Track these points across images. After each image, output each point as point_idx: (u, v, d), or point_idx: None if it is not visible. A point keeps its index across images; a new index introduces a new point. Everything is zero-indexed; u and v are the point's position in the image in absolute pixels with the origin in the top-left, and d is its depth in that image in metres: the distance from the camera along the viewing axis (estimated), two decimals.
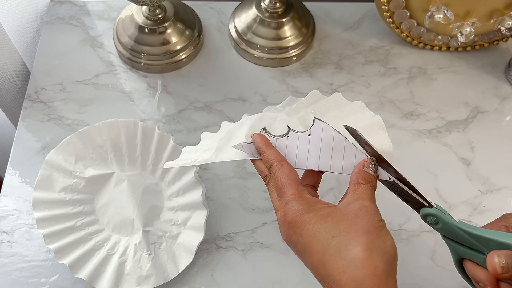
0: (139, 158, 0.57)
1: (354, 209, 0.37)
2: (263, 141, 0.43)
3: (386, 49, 0.70)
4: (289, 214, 0.38)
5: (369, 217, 0.37)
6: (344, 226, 0.36)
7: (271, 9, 0.67)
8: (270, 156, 0.42)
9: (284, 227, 0.39)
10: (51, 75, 0.66)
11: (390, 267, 0.36)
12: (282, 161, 0.41)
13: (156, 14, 0.66)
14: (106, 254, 0.53)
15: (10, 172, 0.59)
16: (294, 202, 0.38)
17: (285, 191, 0.39)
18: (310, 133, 0.43)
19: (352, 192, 0.39)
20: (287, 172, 0.40)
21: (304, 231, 0.37)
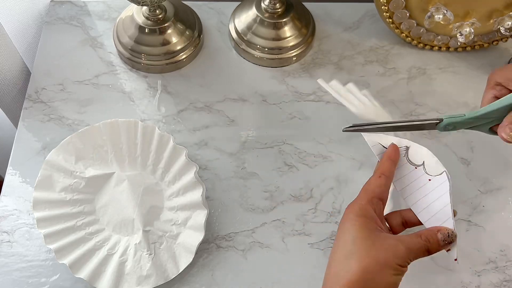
0: (139, 158, 0.57)
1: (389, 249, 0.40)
2: (391, 154, 0.47)
3: (385, 49, 0.70)
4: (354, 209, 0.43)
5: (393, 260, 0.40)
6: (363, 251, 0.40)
7: (271, 9, 0.67)
8: (381, 166, 0.46)
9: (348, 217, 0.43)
10: (52, 75, 0.66)
11: None
12: (384, 174, 0.45)
13: (156, 15, 0.66)
14: (107, 254, 0.53)
15: (11, 172, 0.59)
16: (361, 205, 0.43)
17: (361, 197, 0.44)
18: (431, 179, 0.46)
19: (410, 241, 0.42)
20: (378, 184, 0.44)
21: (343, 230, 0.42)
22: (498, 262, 0.56)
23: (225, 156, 0.62)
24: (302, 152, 0.62)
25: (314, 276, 0.55)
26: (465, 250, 0.57)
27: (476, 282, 0.55)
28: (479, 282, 0.55)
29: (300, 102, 0.65)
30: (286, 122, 0.64)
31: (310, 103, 0.65)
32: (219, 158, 0.61)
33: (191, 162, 0.56)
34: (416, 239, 0.42)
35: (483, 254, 0.57)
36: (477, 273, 0.56)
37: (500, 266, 0.56)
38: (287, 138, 0.63)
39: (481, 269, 0.56)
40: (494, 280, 0.55)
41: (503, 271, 0.56)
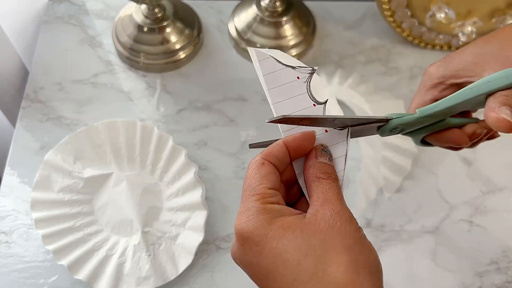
0: (138, 158, 0.57)
1: (325, 217, 0.29)
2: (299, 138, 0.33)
3: (387, 49, 0.70)
4: (245, 226, 0.29)
5: (346, 227, 0.29)
6: (318, 241, 0.28)
7: (271, 8, 0.66)
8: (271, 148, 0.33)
9: (238, 244, 0.30)
10: (50, 74, 0.66)
11: (380, 284, 0.29)
12: (267, 159, 0.32)
13: (155, 13, 0.65)
14: (105, 255, 0.53)
15: (9, 172, 0.59)
16: (253, 210, 0.29)
17: (247, 195, 0.31)
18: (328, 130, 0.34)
19: (315, 193, 0.31)
20: (262, 173, 0.31)
21: (265, 249, 0.28)
22: (500, 263, 0.56)
23: (225, 156, 0.61)
24: None
25: None
26: (467, 251, 0.56)
27: (478, 283, 0.55)
28: (481, 283, 0.55)
29: None
30: None
31: None
32: (218, 158, 0.61)
33: (190, 162, 0.56)
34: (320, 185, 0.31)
35: (485, 255, 0.56)
36: (479, 274, 0.55)
37: (502, 267, 0.56)
38: None
39: (483, 270, 0.56)
40: (496, 281, 0.55)
41: (505, 272, 0.55)
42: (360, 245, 0.29)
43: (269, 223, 0.29)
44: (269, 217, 0.29)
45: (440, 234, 0.57)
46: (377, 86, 0.66)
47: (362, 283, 0.28)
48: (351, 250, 0.28)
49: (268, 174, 0.31)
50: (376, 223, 0.58)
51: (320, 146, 0.33)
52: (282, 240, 0.28)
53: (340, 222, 0.29)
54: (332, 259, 0.28)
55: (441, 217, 0.58)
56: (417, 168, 0.61)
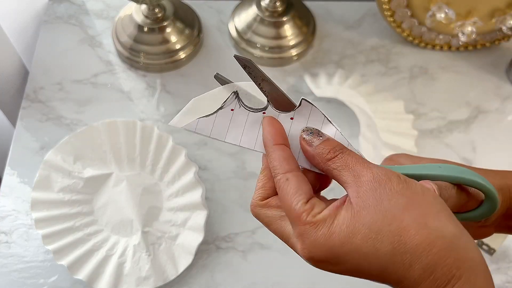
0: (138, 158, 0.57)
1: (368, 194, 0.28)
2: (273, 132, 0.32)
3: (387, 49, 0.70)
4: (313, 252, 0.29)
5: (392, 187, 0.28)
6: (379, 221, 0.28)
7: (271, 8, 0.66)
8: (274, 163, 0.31)
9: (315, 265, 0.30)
10: (50, 74, 0.66)
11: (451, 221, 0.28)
12: (288, 172, 0.30)
13: (156, 13, 0.65)
14: (105, 255, 0.53)
15: (9, 172, 0.59)
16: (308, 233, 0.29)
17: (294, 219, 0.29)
18: (293, 116, 0.33)
19: (339, 176, 0.30)
20: (294, 188, 0.30)
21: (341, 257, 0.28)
22: (500, 263, 0.56)
23: (225, 156, 0.61)
24: None
25: (314, 278, 0.54)
26: None
27: None
28: None
29: None
30: None
31: None
32: (218, 158, 0.61)
33: (190, 162, 0.56)
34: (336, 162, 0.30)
35: (484, 255, 0.56)
36: None
37: (502, 267, 0.56)
38: None
39: None
40: (497, 282, 0.55)
41: (506, 272, 0.55)
42: (411, 196, 0.28)
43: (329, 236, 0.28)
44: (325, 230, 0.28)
45: None
46: (377, 86, 0.66)
47: (435, 231, 0.27)
48: (409, 210, 0.28)
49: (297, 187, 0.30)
50: None
51: (303, 132, 0.32)
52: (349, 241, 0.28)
53: (382, 188, 0.28)
54: (399, 227, 0.27)
55: None
56: None
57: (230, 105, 0.34)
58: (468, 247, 0.27)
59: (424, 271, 0.27)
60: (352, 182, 0.29)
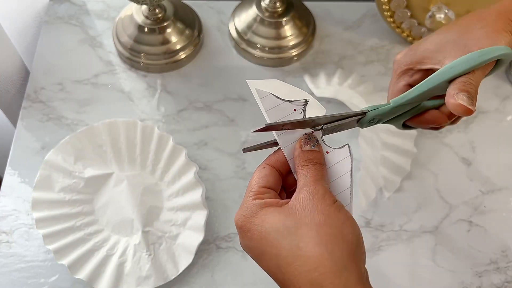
0: (139, 158, 0.57)
1: (300, 199, 0.33)
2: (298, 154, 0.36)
3: (386, 49, 0.70)
4: (239, 217, 0.34)
5: (318, 205, 0.32)
6: (292, 222, 0.32)
7: (271, 8, 0.67)
8: (272, 155, 0.37)
9: (238, 233, 0.35)
10: (51, 74, 0.66)
11: (350, 257, 0.31)
12: (269, 163, 0.36)
13: (156, 14, 0.65)
14: (106, 255, 0.53)
15: (10, 172, 0.59)
16: (246, 204, 0.34)
17: (246, 192, 0.35)
18: (329, 151, 0.37)
19: (298, 180, 0.34)
20: (261, 175, 0.35)
21: (254, 234, 0.33)
22: (500, 263, 0.56)
23: (225, 156, 0.61)
24: None
25: None
26: (466, 251, 0.57)
27: (477, 282, 0.55)
28: (480, 282, 0.55)
29: None
30: None
31: None
32: (219, 158, 0.61)
33: (190, 162, 0.56)
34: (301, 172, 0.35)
35: (484, 254, 0.56)
36: (478, 273, 0.55)
37: (501, 267, 0.56)
38: None
39: (483, 269, 0.56)
40: (496, 281, 0.55)
41: (505, 271, 0.56)
42: (331, 219, 0.32)
43: (255, 212, 0.33)
44: (256, 209, 0.33)
45: (439, 234, 0.58)
46: (377, 86, 0.66)
47: (330, 254, 0.30)
48: (320, 225, 0.31)
49: (266, 175, 0.35)
50: (375, 223, 0.58)
51: (304, 136, 0.36)
52: (264, 225, 0.33)
53: (312, 201, 0.32)
54: (303, 235, 0.31)
55: (441, 217, 0.58)
56: (417, 168, 0.61)
57: (296, 106, 0.37)
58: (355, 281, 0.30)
59: (309, 285, 0.30)
60: (298, 189, 0.34)
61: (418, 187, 0.60)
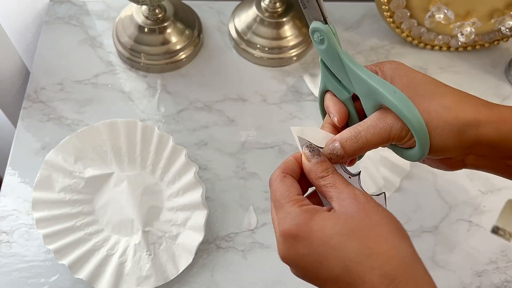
0: (139, 158, 0.57)
1: (348, 206, 0.33)
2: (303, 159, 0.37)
3: (386, 49, 0.70)
4: (291, 226, 0.34)
5: (368, 206, 0.33)
6: (354, 224, 0.33)
7: (271, 8, 0.67)
8: (284, 164, 0.37)
9: (286, 243, 0.34)
10: (51, 75, 0.66)
11: (412, 248, 0.33)
12: (286, 172, 0.36)
13: (156, 14, 0.66)
14: (106, 255, 0.53)
15: (10, 172, 0.59)
16: (294, 213, 0.34)
17: (283, 203, 0.35)
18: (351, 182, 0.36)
19: (328, 192, 0.35)
20: (288, 184, 0.35)
21: (314, 240, 0.33)
22: (499, 263, 0.56)
23: (225, 156, 0.61)
24: None
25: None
26: (466, 250, 0.57)
27: (476, 282, 0.55)
28: (480, 282, 0.55)
29: (300, 102, 0.65)
30: (286, 122, 0.64)
31: (310, 103, 0.65)
32: (219, 158, 0.61)
33: (190, 162, 0.56)
34: (325, 181, 0.35)
35: (484, 254, 0.57)
36: (478, 273, 0.55)
37: (501, 267, 0.56)
38: (287, 138, 0.62)
39: (482, 269, 0.56)
40: (495, 281, 0.55)
41: (504, 271, 0.56)
42: (385, 218, 0.33)
43: (311, 219, 0.33)
44: (309, 215, 0.34)
45: (439, 234, 0.58)
46: None
47: (397, 248, 0.32)
48: (380, 225, 0.33)
49: (292, 183, 0.36)
50: None
51: (306, 148, 0.36)
52: (325, 230, 0.33)
53: (361, 204, 0.33)
54: (369, 235, 0.32)
55: (440, 217, 0.58)
56: (416, 168, 0.61)
57: None
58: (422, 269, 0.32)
59: (384, 278, 0.31)
60: (336, 197, 0.34)
61: (418, 187, 0.60)
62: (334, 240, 0.32)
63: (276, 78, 0.67)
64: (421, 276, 0.32)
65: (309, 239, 0.33)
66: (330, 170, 0.35)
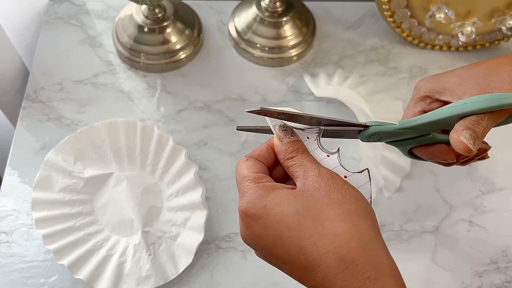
0: (139, 158, 0.57)
1: (310, 183, 0.32)
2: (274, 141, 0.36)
3: (386, 49, 0.70)
4: (246, 205, 0.33)
5: (331, 185, 0.32)
6: (311, 203, 0.31)
7: (271, 8, 0.67)
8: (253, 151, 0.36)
9: (243, 223, 0.33)
10: (50, 74, 0.66)
11: (374, 229, 0.32)
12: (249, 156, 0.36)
13: (156, 14, 0.65)
14: (106, 255, 0.53)
15: (9, 172, 0.59)
16: (250, 191, 0.33)
17: (240, 182, 0.34)
18: (348, 175, 0.36)
19: (295, 171, 0.34)
20: (249, 165, 0.35)
21: (268, 219, 0.32)
22: (500, 263, 0.56)
23: (225, 156, 0.61)
24: None
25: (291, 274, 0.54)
26: (466, 251, 0.57)
27: (477, 282, 0.55)
28: (480, 282, 0.55)
29: (300, 102, 0.65)
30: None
31: (310, 103, 0.65)
32: (219, 158, 0.61)
33: (190, 162, 0.56)
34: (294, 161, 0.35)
35: (484, 254, 0.56)
36: (478, 273, 0.55)
37: (501, 267, 0.56)
38: None
39: (483, 269, 0.56)
40: (496, 281, 0.55)
41: (505, 271, 0.56)
42: (348, 195, 0.32)
43: (266, 196, 0.32)
44: (264, 192, 0.33)
45: (439, 234, 0.57)
46: (377, 87, 0.66)
47: (357, 228, 0.30)
48: (340, 203, 0.31)
49: (253, 164, 0.35)
50: None
51: (279, 128, 0.36)
52: (280, 207, 0.32)
53: (324, 182, 0.32)
54: (327, 214, 0.31)
55: (441, 217, 0.58)
56: (417, 168, 0.61)
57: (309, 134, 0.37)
58: (384, 253, 0.31)
59: (340, 262, 0.29)
60: (301, 176, 0.33)
61: (418, 187, 0.60)
62: (289, 219, 0.31)
63: (276, 78, 0.67)
64: (381, 260, 0.30)
65: (263, 218, 0.32)
66: (300, 150, 0.35)
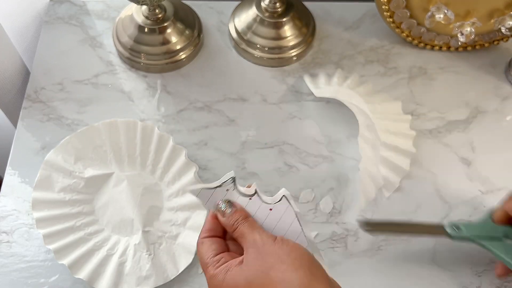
0: (139, 158, 0.57)
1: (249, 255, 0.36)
2: None
3: (386, 49, 0.70)
4: None
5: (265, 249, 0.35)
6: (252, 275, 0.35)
7: (271, 8, 0.67)
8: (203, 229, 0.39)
9: None
10: (51, 75, 0.66)
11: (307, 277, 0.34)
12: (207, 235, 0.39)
13: (156, 14, 0.66)
14: (106, 255, 0.53)
15: (10, 172, 0.59)
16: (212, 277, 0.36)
17: (204, 269, 0.37)
18: (272, 208, 0.39)
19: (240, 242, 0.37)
20: (206, 248, 0.38)
21: None
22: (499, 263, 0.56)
23: (225, 156, 0.61)
24: (302, 152, 0.62)
25: None
26: (466, 251, 0.57)
27: (476, 282, 0.55)
28: (480, 282, 0.55)
29: (300, 102, 0.65)
30: (286, 122, 0.64)
31: (310, 103, 0.65)
32: (219, 158, 0.61)
33: (190, 162, 0.56)
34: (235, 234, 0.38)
35: (484, 254, 0.56)
36: (477, 273, 0.55)
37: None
38: (287, 138, 0.63)
39: (482, 269, 0.56)
40: (495, 281, 0.55)
41: None
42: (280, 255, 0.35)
43: (223, 280, 0.35)
44: (223, 275, 0.36)
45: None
46: (376, 87, 0.66)
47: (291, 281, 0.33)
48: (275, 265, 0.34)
49: (210, 245, 0.38)
50: None
51: (220, 202, 0.39)
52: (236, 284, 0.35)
53: (259, 250, 0.36)
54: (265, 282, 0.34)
55: (440, 217, 0.58)
56: (416, 168, 0.61)
57: (227, 186, 0.40)
58: None
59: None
60: (244, 247, 0.37)
61: (418, 187, 0.60)
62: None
63: (276, 78, 0.67)
64: None
65: None
66: (240, 219, 0.38)
